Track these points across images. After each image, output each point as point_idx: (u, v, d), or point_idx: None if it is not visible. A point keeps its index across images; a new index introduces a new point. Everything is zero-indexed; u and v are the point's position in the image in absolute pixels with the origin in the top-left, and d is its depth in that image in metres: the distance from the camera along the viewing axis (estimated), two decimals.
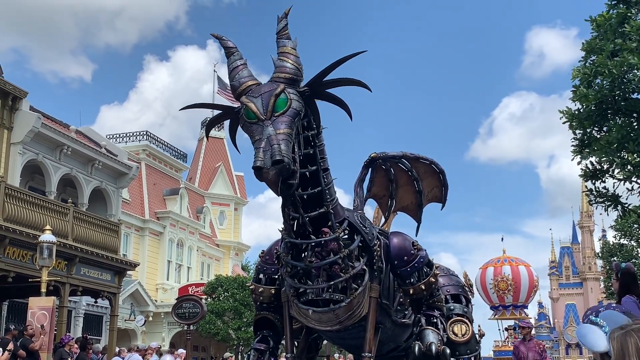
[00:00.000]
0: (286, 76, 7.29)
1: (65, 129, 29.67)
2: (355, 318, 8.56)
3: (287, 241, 8.31)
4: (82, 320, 29.72)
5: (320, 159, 7.97)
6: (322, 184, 7.94)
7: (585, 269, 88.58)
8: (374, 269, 8.82)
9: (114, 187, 31.57)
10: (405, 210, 10.84)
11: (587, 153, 17.68)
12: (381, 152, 10.04)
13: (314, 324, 8.87)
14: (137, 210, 37.85)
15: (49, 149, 27.55)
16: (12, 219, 20.08)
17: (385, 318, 9.39)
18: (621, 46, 15.92)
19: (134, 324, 33.93)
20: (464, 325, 10.83)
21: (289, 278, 8.48)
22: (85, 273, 23.29)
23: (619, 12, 16.81)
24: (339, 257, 8.11)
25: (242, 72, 7.50)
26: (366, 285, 8.58)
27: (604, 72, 16.19)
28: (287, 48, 7.52)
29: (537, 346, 15.16)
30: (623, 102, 16.71)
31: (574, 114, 17.51)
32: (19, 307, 23.58)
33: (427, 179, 10.46)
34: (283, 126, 6.90)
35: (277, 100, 7.01)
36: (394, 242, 9.42)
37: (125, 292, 30.79)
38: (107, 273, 24.54)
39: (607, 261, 36.23)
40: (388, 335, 9.88)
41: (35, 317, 17.75)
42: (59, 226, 21.39)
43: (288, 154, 6.71)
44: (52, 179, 27.51)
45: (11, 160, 25.74)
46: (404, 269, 9.29)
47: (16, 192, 21.39)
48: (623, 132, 16.49)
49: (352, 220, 8.60)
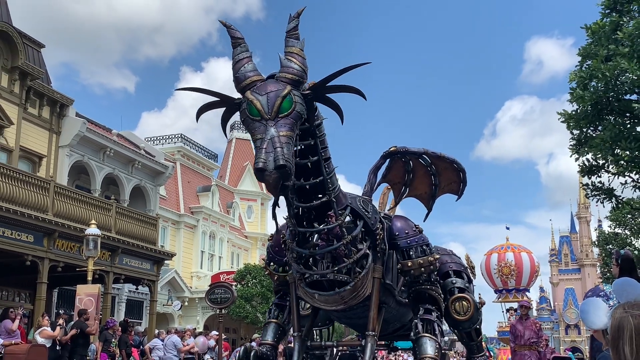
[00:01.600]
0: (292, 77, 6.83)
1: (108, 133, 29.82)
2: (360, 298, 8.32)
3: (291, 229, 8.04)
4: (124, 306, 29.92)
5: (322, 149, 7.62)
6: (323, 173, 7.61)
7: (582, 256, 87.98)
8: (377, 250, 8.57)
9: (152, 185, 31.68)
10: (417, 197, 10.48)
11: (584, 150, 17.55)
12: (402, 147, 9.64)
13: (319, 304, 8.65)
14: (173, 205, 37.97)
15: (93, 151, 27.67)
16: (61, 214, 20.19)
17: (389, 298, 9.10)
18: (614, 51, 15.78)
19: (171, 308, 34.05)
20: (465, 302, 10.41)
21: (295, 264, 8.25)
22: (127, 263, 23.37)
23: (612, 20, 16.68)
24: (342, 244, 7.84)
25: (247, 66, 6.98)
26: (369, 267, 8.34)
27: (598, 75, 16.04)
28: (295, 48, 7.08)
29: (533, 325, 14.46)
30: (616, 103, 16.56)
31: (571, 114, 17.40)
32: (68, 294, 23.72)
33: (445, 174, 10.12)
34: (286, 129, 6.48)
35: (283, 102, 6.58)
36: (396, 223, 9.20)
37: (163, 279, 30.87)
38: (146, 262, 24.62)
39: (603, 249, 35.97)
40: (393, 314, 9.62)
41: (83, 303, 17.82)
42: (103, 221, 21.48)
43: (290, 159, 6.34)
44: (97, 178, 27.66)
45: (60, 162, 25.92)
46: (404, 241, 9.00)
47: (64, 190, 21.51)
48: (616, 131, 16.36)
49: (355, 206, 8.31)
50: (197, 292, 35.89)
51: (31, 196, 19.31)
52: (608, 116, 16.89)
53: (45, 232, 19.52)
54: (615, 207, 19.95)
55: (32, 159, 24.72)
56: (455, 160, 10.01)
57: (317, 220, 7.98)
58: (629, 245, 31.68)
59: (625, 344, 2.25)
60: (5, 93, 23.21)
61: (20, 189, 18.98)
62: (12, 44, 23.28)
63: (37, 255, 19.26)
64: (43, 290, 19.55)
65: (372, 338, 8.36)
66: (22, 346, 15.42)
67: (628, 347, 2.24)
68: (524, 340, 13.93)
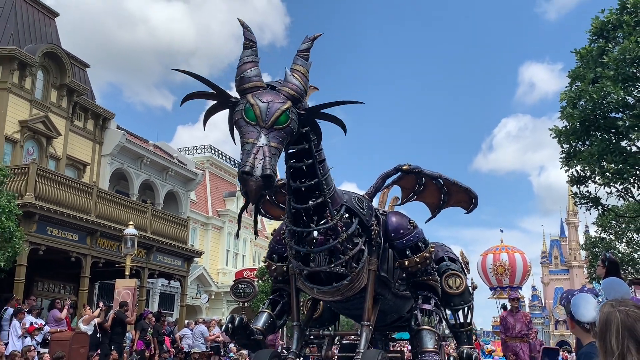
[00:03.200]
0: (293, 94, 6.44)
1: (145, 144, 29.97)
2: (356, 289, 7.99)
3: (289, 228, 7.70)
4: (158, 298, 30.01)
5: (316, 152, 7.20)
6: (318, 175, 7.23)
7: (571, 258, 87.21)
8: (372, 244, 8.21)
9: (183, 191, 31.80)
10: (424, 203, 10.05)
11: (573, 163, 17.50)
12: (415, 167, 9.21)
13: (317, 295, 8.33)
14: (202, 209, 38.07)
15: (132, 159, 27.83)
16: (103, 216, 20.30)
17: (385, 290, 8.79)
18: (601, 74, 15.72)
19: (199, 301, 34.11)
20: (458, 279, 10.06)
21: (294, 260, 7.92)
22: (160, 260, 23.45)
23: (599, 45, 16.63)
24: (338, 242, 7.50)
25: (253, 70, 6.51)
26: (365, 261, 8.01)
27: (586, 96, 16.01)
28: (302, 67, 6.71)
29: (524, 317, 13.54)
30: (602, 120, 16.50)
31: (562, 130, 17.35)
32: (107, 287, 23.84)
33: (456, 196, 9.76)
34: (277, 141, 6.08)
35: (281, 115, 6.18)
36: (392, 220, 8.72)
37: (192, 275, 30.95)
38: (178, 260, 24.69)
39: (589, 252, 35.66)
40: (390, 306, 9.30)
41: (121, 295, 17.91)
42: (139, 222, 21.56)
43: (275, 170, 6.00)
44: (135, 184, 27.81)
45: (102, 169, 26.10)
46: (400, 241, 8.53)
47: (106, 195, 21.64)
48: (603, 146, 16.29)
49: (350, 205, 7.96)
50: (222, 287, 35.94)
51: (76, 199, 19.44)
52: (595, 132, 16.83)
53: (88, 231, 19.63)
54: (601, 214, 19.85)
55: (77, 166, 24.89)
56: (469, 189, 9.71)
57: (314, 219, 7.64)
58: (612, 248, 31.45)
59: (612, 337, 2.23)
60: (54, 107, 23.42)
61: (66, 193, 19.12)
62: (61, 64, 23.49)
63: (81, 252, 19.38)
64: (86, 283, 19.66)
65: (367, 328, 8.04)
66: (66, 333, 15.54)
67: (614, 339, 2.22)
68: (515, 332, 13.17)
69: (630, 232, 31.90)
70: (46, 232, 18.10)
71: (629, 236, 32.19)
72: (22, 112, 21.96)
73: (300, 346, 8.56)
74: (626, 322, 2.23)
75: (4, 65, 21.43)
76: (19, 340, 13.93)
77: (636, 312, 2.28)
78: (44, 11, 25.40)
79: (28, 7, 24.40)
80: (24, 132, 21.90)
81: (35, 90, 22.78)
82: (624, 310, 2.27)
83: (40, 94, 22.99)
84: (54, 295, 21.03)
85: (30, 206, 17.16)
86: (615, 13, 16.46)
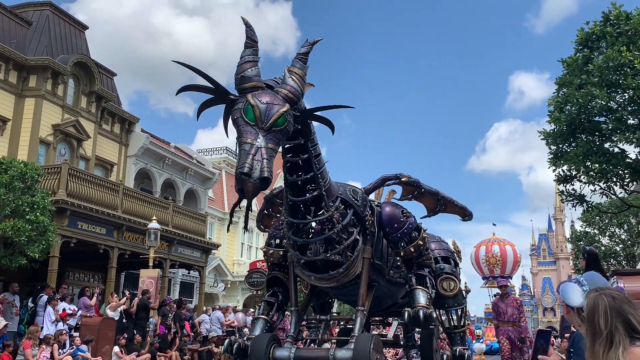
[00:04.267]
0: (291, 97, 6.10)
1: (167, 146, 30.02)
2: (351, 276, 7.75)
3: (287, 220, 7.44)
4: (178, 287, 30.03)
5: (312, 147, 6.95)
6: (314, 169, 6.96)
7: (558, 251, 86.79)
8: (367, 233, 7.93)
9: (202, 188, 31.83)
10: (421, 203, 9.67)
11: (560, 163, 17.44)
12: (415, 180, 8.97)
13: (314, 282, 8.07)
14: (219, 205, 38.11)
15: (155, 160, 27.87)
16: (128, 211, 20.35)
17: (379, 277, 8.51)
18: (586, 81, 15.66)
19: (216, 289, 34.13)
20: (452, 282, 9.88)
21: (292, 249, 7.67)
22: (181, 251, 23.49)
23: (584, 54, 16.57)
24: (334, 232, 7.29)
25: (253, 70, 6.17)
26: (360, 249, 7.78)
27: (572, 100, 15.95)
28: (300, 70, 6.36)
29: (514, 302, 12.93)
30: (587, 123, 16.44)
31: (550, 133, 17.31)
32: (132, 277, 23.88)
33: (452, 209, 9.54)
34: (274, 142, 5.79)
35: (280, 118, 5.87)
36: (386, 211, 8.40)
37: (210, 266, 30.95)
38: (197, 252, 24.71)
39: (575, 245, 35.56)
40: (384, 292, 9.04)
41: (145, 284, 17.94)
42: (162, 217, 21.60)
43: (271, 172, 5.69)
44: (157, 182, 27.86)
45: (127, 169, 26.15)
46: (395, 234, 8.26)
47: (131, 192, 21.68)
48: (587, 147, 16.25)
49: (345, 197, 7.70)
50: (237, 277, 35.95)
51: (104, 197, 19.48)
52: (580, 135, 16.77)
53: (115, 225, 19.68)
54: (585, 210, 19.75)
55: (105, 166, 24.95)
56: (464, 207, 9.52)
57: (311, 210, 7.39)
58: (596, 242, 31.35)
59: (600, 318, 2.24)
60: (84, 112, 23.48)
61: (95, 191, 19.18)
62: (90, 73, 23.55)
63: (108, 245, 19.43)
64: (112, 273, 19.73)
65: (361, 313, 7.83)
66: (95, 318, 15.58)
67: (602, 320, 2.23)
68: (507, 316, 12.61)
69: (613, 227, 31.81)
70: (77, 226, 18.17)
71: (612, 231, 32.10)
72: (55, 117, 22.03)
73: (297, 330, 8.40)
74: (613, 304, 2.25)
75: (38, 74, 21.52)
76: (52, 325, 13.98)
77: (621, 295, 2.31)
78: (74, 25, 25.47)
79: (60, 21, 24.47)
80: (57, 135, 21.97)
81: (67, 96, 22.85)
82: (609, 294, 2.29)
83: (71, 100, 23.07)
84: (84, 284, 21.08)
85: (62, 202, 17.21)
86: (599, 25, 16.38)
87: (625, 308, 2.23)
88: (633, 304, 2.27)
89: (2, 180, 14.01)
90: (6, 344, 12.20)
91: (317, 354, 7.72)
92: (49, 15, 23.82)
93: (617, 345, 2.16)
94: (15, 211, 13.95)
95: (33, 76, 21.56)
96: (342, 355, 7.20)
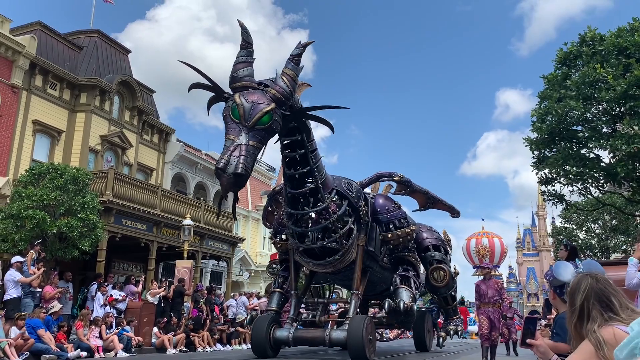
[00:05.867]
0: (279, 97, 5.73)
1: (199, 153, 30.12)
2: (346, 262, 7.59)
3: (287, 211, 7.25)
4: (209, 275, 30.16)
5: (308, 143, 6.65)
6: (310, 163, 6.70)
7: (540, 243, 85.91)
8: (361, 223, 7.73)
9: None
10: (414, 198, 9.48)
11: (542, 167, 17.33)
12: (406, 179, 8.65)
13: (312, 268, 7.87)
14: (244, 204, 38.21)
15: (188, 165, 27.99)
16: (166, 210, 20.42)
17: (373, 263, 8.28)
18: (564, 94, 15.58)
19: (242, 277, 34.21)
20: (442, 272, 9.46)
21: (292, 238, 7.52)
22: (211, 245, 23.53)
23: (563, 71, 16.49)
24: (330, 222, 7.09)
25: (246, 70, 5.86)
26: (354, 237, 7.59)
27: (552, 112, 15.84)
28: (291, 72, 5.97)
29: (495, 284, 11.88)
30: (566, 132, 16.33)
31: (533, 140, 17.21)
32: (169, 267, 23.99)
33: (441, 208, 9.28)
34: (257, 140, 5.40)
35: (264, 116, 5.52)
36: (378, 201, 8.28)
37: (236, 257, 31.04)
38: (225, 245, 24.75)
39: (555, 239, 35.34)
40: (378, 277, 8.81)
41: (180, 273, 18.00)
42: (195, 215, 21.65)
43: (249, 168, 5.31)
44: (191, 185, 27.98)
45: (165, 173, 26.28)
46: (384, 216, 8.08)
47: (168, 193, 21.73)
48: (565, 153, 16.15)
49: (340, 189, 7.49)
50: (260, 266, 35.99)
51: (145, 197, 19.57)
52: (560, 142, 16.68)
53: (154, 222, 19.75)
54: (565, 209, 19.61)
55: (145, 171, 25.09)
56: (452, 207, 9.21)
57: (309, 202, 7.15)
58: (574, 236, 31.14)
59: (579, 294, 2.21)
60: (128, 125, 23.64)
61: (137, 192, 19.26)
62: (132, 91, 23.71)
63: (149, 239, 19.50)
64: (152, 264, 19.78)
65: (356, 296, 7.60)
66: (137, 303, 15.64)
67: (580, 295, 2.20)
68: (488, 298, 11.65)
69: (589, 223, 31.56)
70: (121, 223, 18.25)
71: (588, 226, 31.85)
72: (102, 129, 22.19)
73: (297, 312, 8.21)
74: (594, 286, 2.21)
75: (88, 91, 21.70)
76: (101, 309, 14.07)
77: (605, 279, 2.26)
78: (119, 49, 25.65)
79: (107, 46, 24.66)
80: (104, 144, 22.13)
81: (113, 111, 23.01)
82: (595, 277, 2.25)
83: (116, 114, 23.22)
84: (128, 273, 21.20)
85: (109, 203, 17.32)
86: (576, 45, 16.30)
87: (607, 290, 2.17)
88: (616, 287, 2.22)
89: (58, 183, 14.16)
90: (61, 324, 12.30)
91: (314, 334, 7.56)
92: (97, 41, 24.02)
93: (594, 319, 2.11)
94: (69, 210, 14.09)
95: (84, 94, 21.74)
96: (337, 336, 7.07)
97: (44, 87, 20.42)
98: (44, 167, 14.96)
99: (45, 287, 12.73)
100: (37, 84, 20.06)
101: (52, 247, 13.90)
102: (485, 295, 11.85)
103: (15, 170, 18.50)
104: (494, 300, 11.73)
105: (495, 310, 11.60)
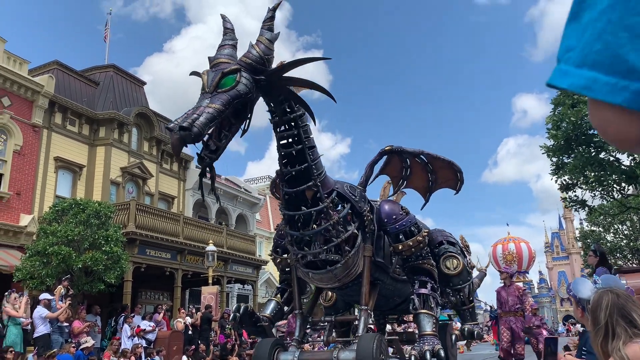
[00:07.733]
0: (248, 61, 5.35)
1: (219, 178, 30.34)
2: (352, 276, 6.83)
3: (283, 213, 6.60)
4: (235, 299, 30.26)
5: (305, 138, 6.17)
6: (308, 160, 6.18)
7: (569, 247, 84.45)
8: (366, 231, 6.97)
9: (250, 213, 32.09)
10: (415, 189, 8.45)
11: (561, 173, 17.22)
12: (398, 146, 7.80)
13: (316, 283, 7.14)
14: (266, 226, 38.37)
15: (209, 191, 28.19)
16: (189, 237, 20.64)
17: (383, 275, 7.50)
18: (578, 100, 15.50)
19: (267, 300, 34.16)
20: (455, 260, 8.38)
21: (290, 246, 6.71)
22: (235, 269, 23.64)
23: None
24: (330, 225, 6.38)
25: (224, 50, 5.52)
26: (359, 247, 6.80)
27: (566, 119, 15.80)
28: (263, 38, 5.53)
29: (516, 290, 11.02)
30: (582, 137, 16.22)
31: (550, 147, 17.13)
32: (195, 293, 24.13)
33: (442, 172, 8.11)
34: (219, 103, 4.97)
35: (225, 78, 5.12)
36: (384, 207, 7.40)
37: (261, 279, 31.13)
38: (249, 268, 24.84)
39: (583, 242, 34.82)
40: (390, 290, 7.96)
41: (206, 299, 18.15)
42: (217, 240, 21.81)
43: (202, 127, 4.75)
44: (212, 210, 28.21)
45: (186, 200, 26.57)
46: (393, 226, 7.21)
47: (190, 221, 21.97)
48: (584, 159, 16.02)
49: (342, 191, 6.78)
50: None
51: (167, 226, 19.82)
52: (577, 148, 16.56)
53: (178, 250, 19.97)
54: (588, 213, 19.41)
55: (167, 199, 25.41)
56: (452, 162, 8.05)
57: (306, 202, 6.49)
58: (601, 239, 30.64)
59: (601, 311, 2.19)
60: (147, 155, 24.06)
61: (159, 222, 19.53)
62: (150, 121, 24.17)
63: (173, 267, 19.72)
64: (178, 291, 19.98)
65: (365, 312, 6.89)
66: (165, 332, 15.79)
67: (603, 313, 2.18)
68: (508, 306, 10.86)
69: (616, 225, 31.04)
70: (145, 253, 18.51)
71: (615, 228, 31.33)
72: (122, 161, 22.63)
73: (302, 333, 7.47)
74: (616, 302, 2.19)
75: (106, 125, 22.16)
76: (129, 340, 14.26)
77: (625, 294, 2.25)
78: (134, 81, 26.20)
79: (122, 79, 25.22)
80: (125, 176, 22.53)
81: (132, 143, 23.44)
82: (615, 292, 2.24)
83: (135, 146, 23.66)
84: (155, 302, 21.42)
85: (132, 234, 17.60)
86: None
87: (628, 306, 2.16)
88: (637, 303, 2.21)
89: (81, 218, 14.49)
90: (91, 359, 12.50)
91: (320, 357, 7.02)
92: (113, 76, 24.59)
93: (619, 336, 2.09)
94: (93, 244, 14.39)
95: (102, 127, 22.21)
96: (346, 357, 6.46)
97: (64, 124, 20.93)
98: (67, 203, 15.32)
99: (74, 322, 12.97)
100: (56, 121, 20.59)
101: (79, 281, 14.18)
102: (505, 303, 10.96)
103: (40, 207, 18.95)
104: (515, 309, 10.80)
105: (517, 319, 10.73)
